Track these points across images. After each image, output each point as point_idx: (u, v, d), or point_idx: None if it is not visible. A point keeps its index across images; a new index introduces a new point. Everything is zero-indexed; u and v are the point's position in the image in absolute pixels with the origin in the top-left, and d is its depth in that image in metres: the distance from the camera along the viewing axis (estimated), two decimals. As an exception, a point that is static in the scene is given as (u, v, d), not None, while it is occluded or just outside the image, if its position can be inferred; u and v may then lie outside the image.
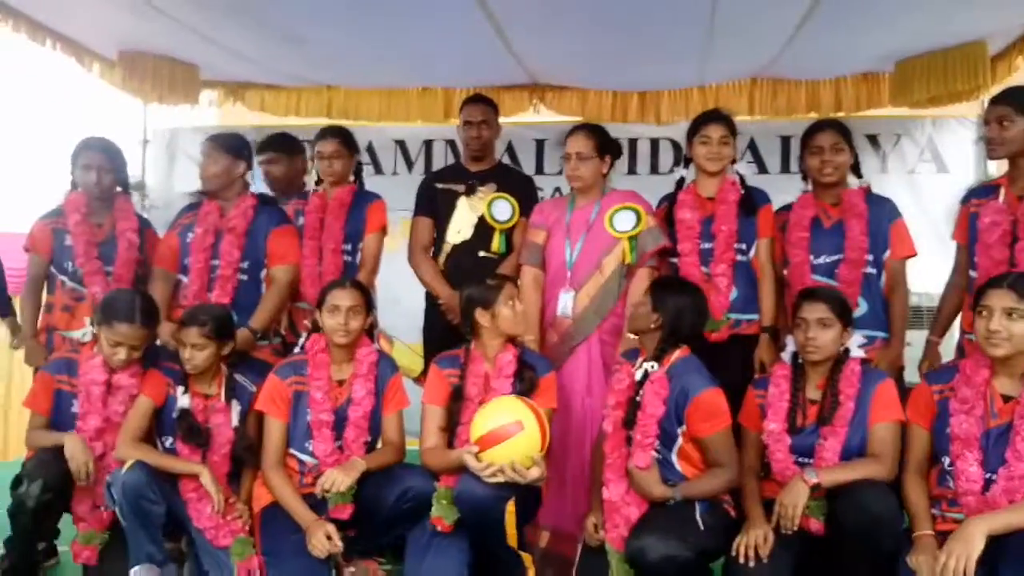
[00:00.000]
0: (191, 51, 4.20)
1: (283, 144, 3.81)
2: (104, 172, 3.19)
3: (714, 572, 2.49)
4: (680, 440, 2.51)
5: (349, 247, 3.43)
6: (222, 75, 4.67)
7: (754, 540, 2.34)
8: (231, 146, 3.25)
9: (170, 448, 2.75)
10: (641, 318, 2.63)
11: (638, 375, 2.55)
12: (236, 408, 2.79)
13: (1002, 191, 2.83)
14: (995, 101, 2.88)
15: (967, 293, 2.84)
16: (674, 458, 2.52)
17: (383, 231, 3.48)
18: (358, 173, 3.59)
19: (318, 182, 3.55)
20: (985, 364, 2.35)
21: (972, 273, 2.86)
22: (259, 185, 3.68)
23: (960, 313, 2.95)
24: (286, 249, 3.23)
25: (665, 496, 2.44)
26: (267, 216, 3.24)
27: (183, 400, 2.73)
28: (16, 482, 2.56)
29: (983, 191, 2.94)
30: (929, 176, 4.72)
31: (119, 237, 3.21)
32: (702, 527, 2.37)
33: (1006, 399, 2.31)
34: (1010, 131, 2.76)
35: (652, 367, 2.54)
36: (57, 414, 2.78)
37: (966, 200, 2.97)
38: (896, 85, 4.07)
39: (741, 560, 2.33)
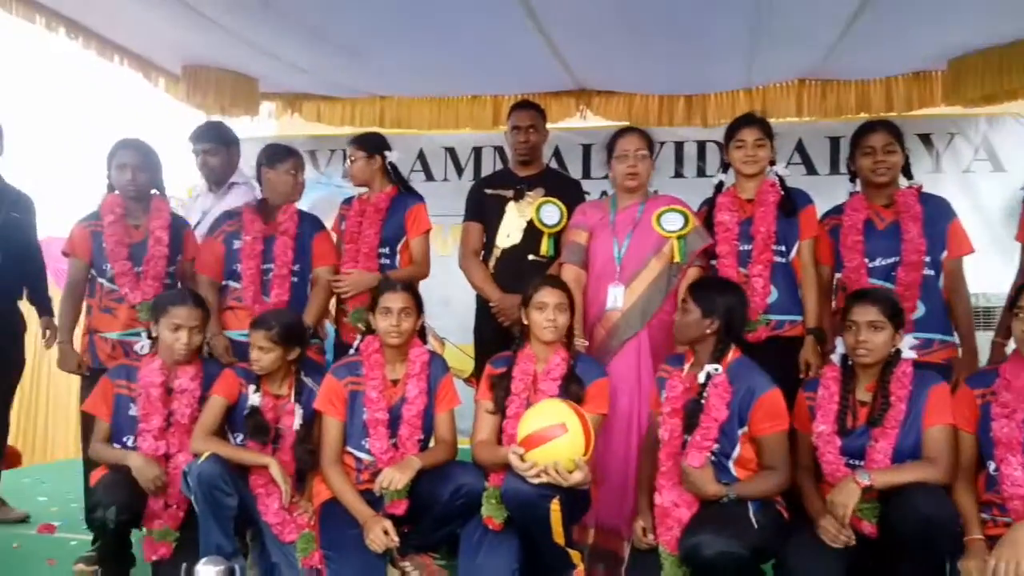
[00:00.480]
0: (251, 65, 4.36)
1: (220, 135, 3.82)
2: (138, 171, 3.21)
3: (766, 573, 2.50)
4: (739, 448, 2.51)
5: (386, 250, 3.46)
6: (280, 87, 4.84)
7: (832, 528, 2.34)
8: (301, 160, 3.44)
9: (240, 444, 2.85)
10: (692, 326, 2.62)
11: (701, 378, 2.55)
12: (299, 411, 2.88)
13: None
14: None
15: None
16: (731, 464, 2.52)
17: (427, 233, 3.52)
18: (398, 176, 3.61)
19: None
20: None
21: None
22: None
23: None
24: (328, 251, 3.41)
25: (719, 494, 2.44)
26: (310, 222, 3.40)
27: (254, 398, 2.84)
28: (93, 507, 2.66)
29: None
30: (984, 175, 4.63)
31: (150, 236, 3.23)
32: (756, 526, 2.37)
33: None
34: None
35: (716, 369, 2.55)
36: (116, 417, 2.88)
37: None
38: (949, 83, 4.01)
39: (829, 543, 2.33)
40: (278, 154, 3.39)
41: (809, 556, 2.34)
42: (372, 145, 3.53)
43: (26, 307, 3.69)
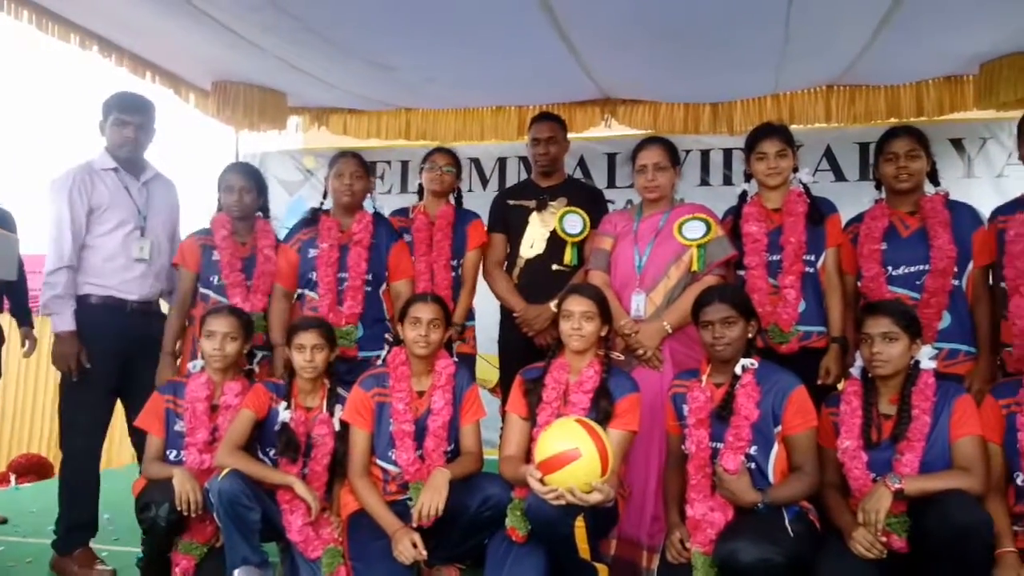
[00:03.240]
0: (280, 80, 4.42)
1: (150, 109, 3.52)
2: (245, 192, 3.35)
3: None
4: (776, 446, 2.52)
5: (455, 263, 3.56)
6: (308, 102, 4.90)
7: (865, 540, 2.31)
8: (367, 165, 3.47)
9: (273, 459, 2.88)
10: (741, 337, 2.61)
11: (738, 370, 2.58)
12: (335, 421, 2.91)
13: None
14: None
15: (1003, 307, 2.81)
16: (770, 466, 2.52)
17: (482, 248, 3.60)
18: (458, 195, 3.71)
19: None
20: None
21: (1002, 285, 2.82)
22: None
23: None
24: (406, 264, 3.42)
25: (755, 501, 2.43)
26: (385, 231, 3.42)
27: (284, 415, 2.86)
28: (143, 508, 2.73)
29: (1008, 208, 2.92)
30: (1019, 179, 4.52)
31: (258, 254, 3.34)
32: (792, 534, 2.36)
33: None
34: None
35: (752, 363, 2.59)
36: (165, 433, 2.94)
37: (993, 218, 2.94)
38: (981, 87, 3.94)
39: (863, 553, 2.30)
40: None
41: (841, 568, 2.32)
42: (459, 161, 3.67)
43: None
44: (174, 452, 2.92)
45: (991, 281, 2.94)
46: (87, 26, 3.82)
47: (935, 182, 3.03)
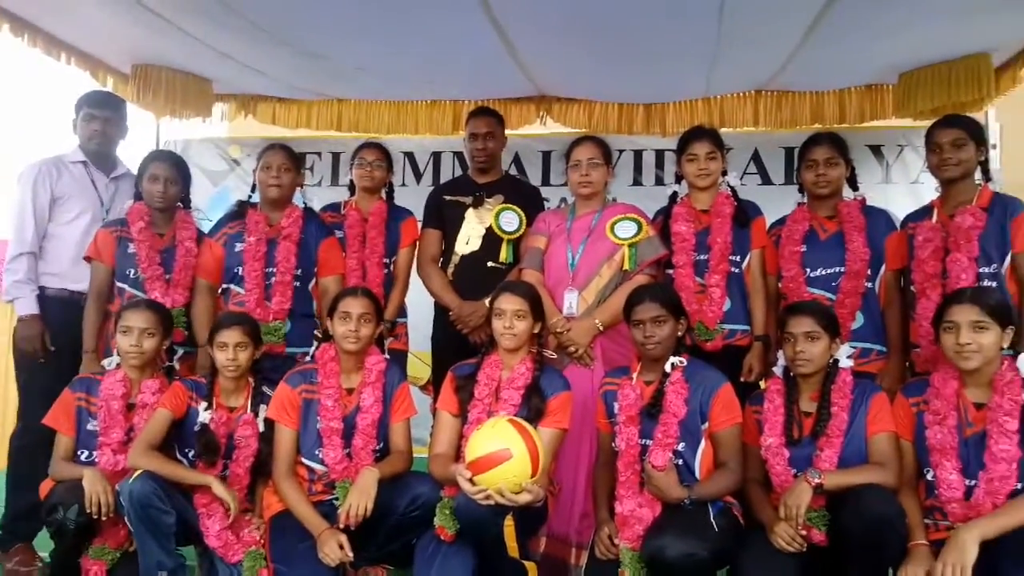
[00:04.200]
0: (204, 65, 4.25)
1: (119, 105, 3.70)
2: (171, 183, 3.28)
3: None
4: (703, 442, 2.57)
5: (387, 260, 3.52)
6: (235, 89, 4.73)
7: (786, 534, 2.36)
8: (297, 158, 3.41)
9: (192, 461, 2.78)
10: (671, 336, 2.65)
11: (667, 367, 2.61)
12: (259, 422, 2.83)
13: (935, 212, 2.96)
14: (947, 124, 2.99)
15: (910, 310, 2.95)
16: (697, 462, 2.57)
17: (415, 246, 3.57)
18: (390, 190, 3.67)
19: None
20: (953, 376, 2.42)
21: (912, 288, 2.96)
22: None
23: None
24: (336, 260, 3.36)
25: (681, 497, 2.47)
26: (315, 226, 3.35)
27: (204, 415, 2.76)
28: (50, 510, 2.60)
29: (917, 215, 3.07)
30: (932, 186, 4.70)
31: (178, 246, 3.27)
32: (716, 529, 2.41)
33: (978, 407, 2.38)
34: (964, 153, 2.89)
35: (681, 361, 2.62)
36: (76, 432, 2.82)
37: (903, 225, 3.08)
38: (900, 96, 4.08)
39: (784, 547, 2.36)
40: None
41: (763, 562, 2.39)
42: (389, 156, 3.63)
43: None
44: (86, 452, 2.80)
45: (902, 284, 3.05)
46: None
47: (854, 187, 3.16)
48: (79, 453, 2.81)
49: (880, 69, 4.13)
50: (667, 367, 2.62)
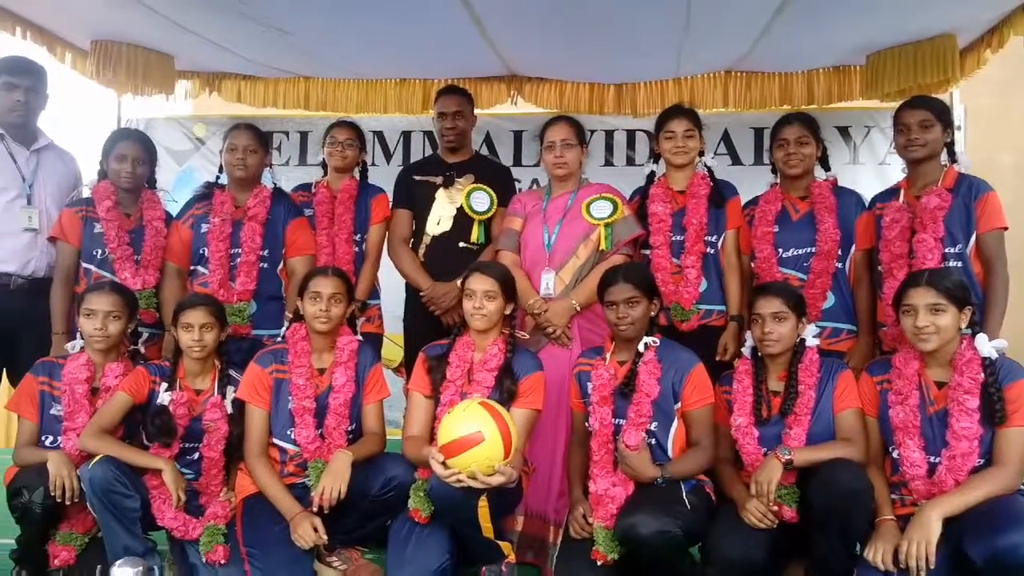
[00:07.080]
0: (167, 41, 4.14)
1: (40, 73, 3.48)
2: (138, 163, 3.21)
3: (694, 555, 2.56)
4: (676, 422, 2.59)
5: (358, 237, 3.48)
6: (198, 66, 4.62)
7: (757, 511, 2.40)
8: (264, 138, 3.34)
9: (146, 443, 2.73)
10: (645, 316, 2.66)
11: (640, 347, 2.62)
12: (227, 404, 2.78)
13: (902, 193, 3.01)
14: (914, 105, 3.02)
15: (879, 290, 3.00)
16: (670, 442, 2.59)
17: (386, 223, 3.54)
18: (364, 170, 3.63)
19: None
20: (915, 356, 2.46)
21: (879, 268, 3.01)
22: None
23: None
24: (304, 240, 3.31)
25: (654, 476, 2.50)
26: (284, 207, 3.30)
27: (164, 397, 2.71)
28: (15, 493, 2.54)
29: (885, 196, 3.11)
30: (899, 167, 4.77)
31: (147, 226, 3.20)
32: (688, 507, 2.44)
33: (940, 385, 2.42)
34: (931, 135, 2.92)
35: (654, 341, 2.64)
36: (40, 417, 2.76)
37: (871, 206, 3.11)
38: (867, 78, 4.13)
39: (755, 524, 2.40)
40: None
41: (734, 538, 2.42)
42: (362, 135, 3.59)
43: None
44: (50, 438, 2.74)
45: (871, 264, 3.10)
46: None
47: (826, 167, 3.19)
48: (43, 439, 2.75)
49: (848, 50, 4.16)
50: (640, 347, 2.64)
